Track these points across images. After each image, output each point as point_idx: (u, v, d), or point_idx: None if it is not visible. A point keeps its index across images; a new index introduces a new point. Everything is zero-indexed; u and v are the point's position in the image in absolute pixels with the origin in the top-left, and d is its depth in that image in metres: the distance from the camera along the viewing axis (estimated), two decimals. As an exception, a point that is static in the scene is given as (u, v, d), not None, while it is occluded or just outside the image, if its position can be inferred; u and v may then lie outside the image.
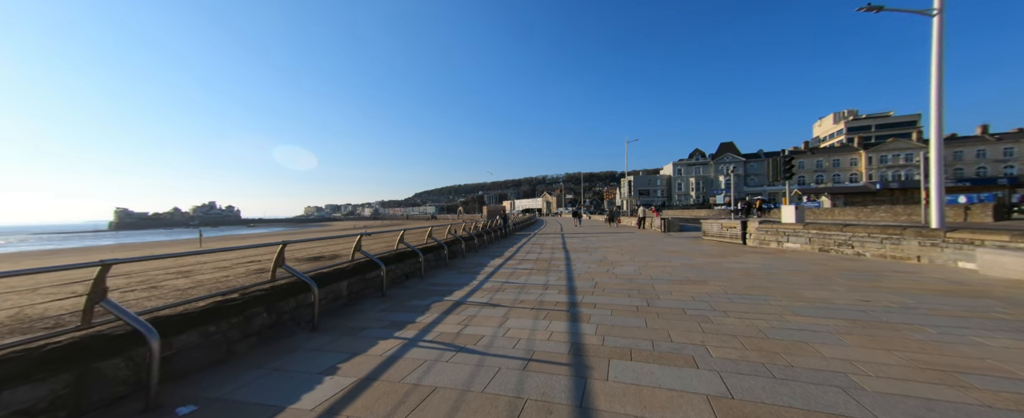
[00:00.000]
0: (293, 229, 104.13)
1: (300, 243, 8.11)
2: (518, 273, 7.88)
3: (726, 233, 12.79)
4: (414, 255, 7.94)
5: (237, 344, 3.57)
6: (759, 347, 3.31)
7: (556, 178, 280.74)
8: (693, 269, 7.61)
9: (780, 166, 13.70)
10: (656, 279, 6.69)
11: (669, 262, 8.70)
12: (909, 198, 24.27)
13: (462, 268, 8.86)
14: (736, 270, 7.30)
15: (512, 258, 10.47)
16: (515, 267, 8.79)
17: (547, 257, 10.42)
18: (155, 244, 42.01)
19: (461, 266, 9.17)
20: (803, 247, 9.67)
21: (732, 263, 8.19)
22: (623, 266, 8.34)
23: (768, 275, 6.68)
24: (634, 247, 12.40)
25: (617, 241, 14.90)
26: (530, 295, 5.70)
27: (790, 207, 10.94)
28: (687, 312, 4.50)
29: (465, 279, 7.35)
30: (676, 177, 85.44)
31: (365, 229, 45.61)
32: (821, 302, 4.75)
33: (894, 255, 7.61)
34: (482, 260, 10.17)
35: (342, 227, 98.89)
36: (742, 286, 5.83)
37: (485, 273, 8.07)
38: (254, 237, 45.79)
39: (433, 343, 3.71)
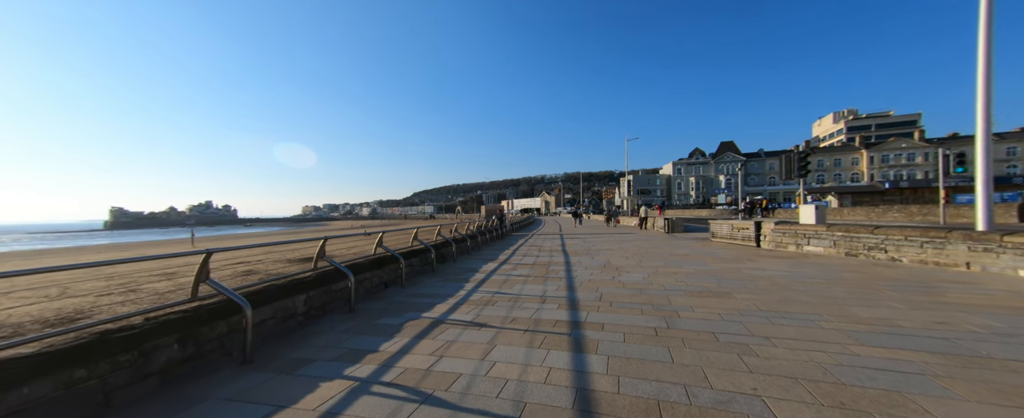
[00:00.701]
0: (287, 229, 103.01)
1: (276, 245, 7.17)
2: (512, 281, 6.96)
3: (738, 235, 11.90)
4: (394, 261, 7.01)
5: (120, 392, 2.63)
6: (837, 400, 2.39)
7: (555, 178, 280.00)
8: (710, 277, 6.70)
9: (795, 163, 12.83)
10: (670, 290, 5.78)
11: (681, 268, 7.80)
12: (919, 198, 23.50)
13: (450, 274, 7.94)
14: (761, 279, 6.39)
15: (507, 262, 9.56)
16: (509, 273, 7.88)
17: (545, 261, 9.51)
18: (143, 244, 40.99)
19: (449, 272, 8.25)
20: (826, 251, 8.78)
21: (753, 270, 7.28)
22: (630, 272, 7.44)
23: (801, 286, 5.78)
24: (639, 250, 11.50)
25: (620, 243, 14.00)
26: (524, 311, 4.78)
27: (809, 207, 10.07)
28: (719, 338, 3.59)
29: (451, 288, 6.42)
30: (676, 176, 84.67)
31: (364, 228, 44.67)
32: (884, 324, 3.85)
33: (937, 261, 6.72)
34: (474, 264, 9.26)
35: (339, 226, 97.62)
36: (775, 300, 4.92)
37: (475, 280, 7.15)
38: (229, 238, 44.79)
39: (392, 387, 2.79)
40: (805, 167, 12.59)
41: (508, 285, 6.61)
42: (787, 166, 13.24)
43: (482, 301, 5.41)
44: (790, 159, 13.15)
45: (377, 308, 5.20)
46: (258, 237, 45.04)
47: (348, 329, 4.24)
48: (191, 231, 56.55)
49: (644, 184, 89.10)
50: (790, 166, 13.12)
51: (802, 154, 12.70)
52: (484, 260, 10.13)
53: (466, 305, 5.20)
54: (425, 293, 6.15)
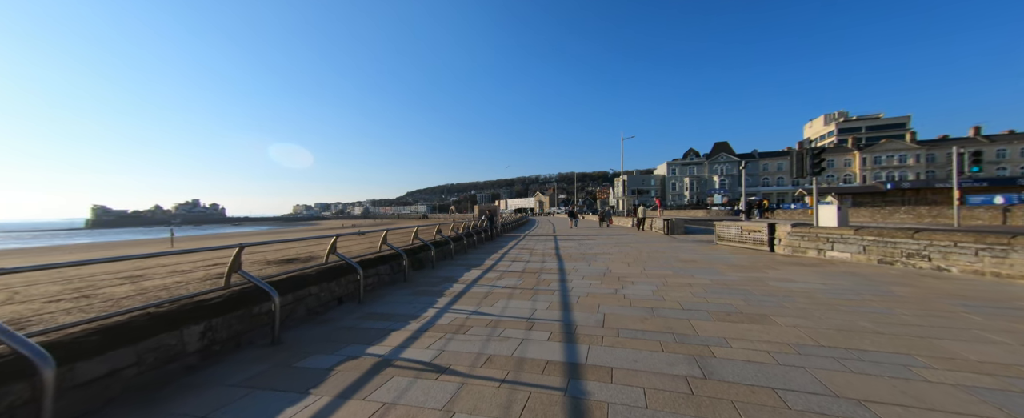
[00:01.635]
0: (275, 228, 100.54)
1: (211, 251, 5.86)
2: (496, 294, 5.76)
3: (748, 238, 10.85)
4: (350, 271, 5.75)
5: None
6: None
7: (549, 178, 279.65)
8: (733, 291, 5.57)
9: (807, 161, 11.82)
10: (690, 310, 4.63)
11: (694, 278, 6.67)
12: (922, 199, 22.93)
13: (424, 285, 6.71)
14: (796, 294, 5.28)
15: (493, 269, 8.35)
16: (494, 283, 6.67)
17: (536, 268, 8.33)
18: (109, 245, 38.94)
19: (424, 282, 7.03)
20: (855, 257, 7.73)
21: (779, 281, 6.18)
22: (635, 284, 6.28)
23: (851, 305, 4.67)
24: (640, 254, 10.39)
25: (618, 246, 12.89)
26: (504, 344, 3.58)
27: (831, 207, 9.06)
28: (788, 401, 2.42)
29: (419, 306, 5.20)
30: (670, 177, 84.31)
31: (355, 226, 43.03)
32: (1002, 370, 2.74)
33: (998, 272, 5.69)
34: (454, 272, 8.04)
35: (329, 225, 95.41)
36: (831, 328, 3.80)
37: (451, 293, 5.94)
38: (197, 239, 42.99)
39: None
40: (819, 164, 11.59)
41: (489, 301, 5.40)
42: (798, 164, 12.23)
43: (452, 327, 4.20)
44: (801, 157, 12.14)
45: (312, 337, 3.95)
46: (227, 238, 43.17)
47: (251, 378, 2.99)
48: (171, 230, 54.27)
49: (638, 184, 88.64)
50: (801, 164, 12.12)
51: (815, 151, 11.69)
52: (468, 266, 8.92)
53: (430, 334, 3.98)
54: (384, 313, 4.91)
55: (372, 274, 6.68)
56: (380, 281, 6.90)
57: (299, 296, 4.76)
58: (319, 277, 5.23)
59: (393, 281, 7.23)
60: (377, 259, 7.08)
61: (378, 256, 7.23)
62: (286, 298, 4.42)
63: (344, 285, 5.73)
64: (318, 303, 5.08)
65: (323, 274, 5.32)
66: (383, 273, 7.06)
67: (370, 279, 6.58)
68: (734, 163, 78.72)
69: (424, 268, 8.84)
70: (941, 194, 21.58)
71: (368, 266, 6.56)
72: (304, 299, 4.84)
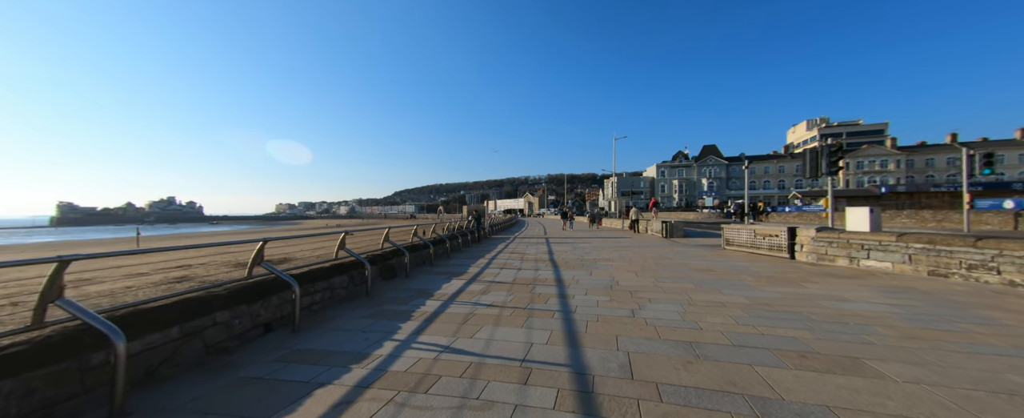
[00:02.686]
0: (252, 228, 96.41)
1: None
2: (478, 317, 4.40)
3: (763, 243, 9.78)
4: (281, 288, 4.30)
5: None
6: None
7: (538, 179, 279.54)
8: (785, 315, 4.36)
9: (822, 159, 10.86)
10: (746, 347, 3.37)
11: (723, 294, 5.45)
12: (916, 202, 22.66)
13: (389, 301, 5.29)
14: (870, 321, 4.08)
15: (477, 279, 6.98)
16: (477, 299, 5.31)
17: (528, 278, 6.99)
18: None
19: (391, 296, 5.61)
20: (898, 268, 6.67)
21: (834, 301, 5.01)
22: (654, 302, 5.02)
23: (959, 340, 3.49)
24: (645, 261, 9.18)
25: (618, 250, 11.68)
26: (487, 416, 2.24)
27: (862, 210, 8.03)
28: None
29: (371, 339, 3.80)
30: (659, 179, 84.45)
31: (338, 226, 41.06)
32: None
33: (1095, 289, 4.63)
34: (431, 282, 6.63)
35: (312, 225, 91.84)
36: (973, 384, 2.59)
37: (421, 316, 4.55)
38: (157, 240, 40.25)
39: None
40: (837, 163, 10.64)
41: (470, 327, 4.04)
42: (812, 164, 11.27)
43: (410, 379, 2.83)
44: (816, 156, 11.18)
45: (183, 401, 2.52)
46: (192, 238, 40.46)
47: None
48: (137, 229, 50.87)
49: (628, 186, 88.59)
50: (816, 163, 11.16)
51: (832, 149, 10.74)
52: (449, 274, 7.52)
53: (371, 395, 2.60)
54: (320, 350, 3.50)
55: (322, 289, 5.23)
56: (333, 298, 5.45)
57: (190, 329, 3.29)
58: (230, 299, 3.76)
59: (352, 296, 5.78)
60: (332, 268, 5.62)
61: (333, 265, 5.77)
62: (185, 329, 2.97)
63: (274, 307, 4.27)
64: (224, 336, 3.62)
65: (237, 294, 3.85)
66: (338, 287, 5.61)
67: (317, 295, 5.12)
68: (722, 166, 79.35)
69: (396, 277, 7.40)
70: (936, 198, 21.30)
71: (314, 279, 5.10)
72: (199, 333, 3.37)
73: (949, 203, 21.01)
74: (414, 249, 8.97)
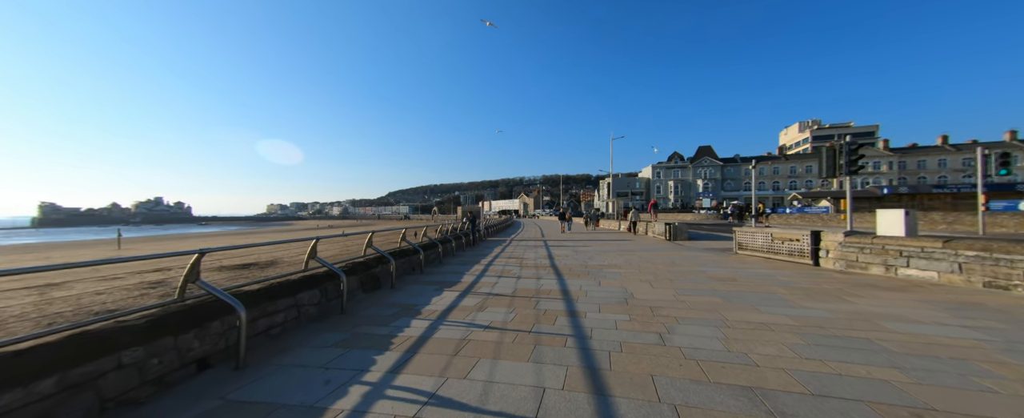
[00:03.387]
0: (241, 228, 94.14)
1: None
2: (474, 345, 3.55)
3: (782, 248, 9.05)
4: (223, 312, 3.39)
5: None
6: None
7: (533, 180, 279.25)
8: (850, 343, 3.57)
9: (841, 157, 10.19)
10: (829, 397, 2.55)
11: (761, 312, 4.65)
12: (919, 204, 22.32)
13: (366, 323, 4.40)
14: (968, 353, 3.31)
15: (473, 291, 6.11)
16: (472, 318, 4.44)
17: (531, 289, 6.14)
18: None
19: (370, 314, 4.71)
20: (946, 278, 5.95)
21: (898, 322, 4.24)
22: (682, 322, 4.20)
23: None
24: (655, 266, 8.39)
25: (623, 254, 10.89)
26: None
27: (896, 213, 7.33)
28: None
29: (339, 376, 2.92)
30: (655, 180, 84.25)
31: (330, 226, 39.72)
32: None
33: None
34: (419, 295, 5.74)
35: (303, 226, 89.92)
36: None
37: (403, 343, 3.68)
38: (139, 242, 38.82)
39: None
40: (856, 162, 9.97)
41: (463, 362, 3.19)
42: (829, 162, 10.59)
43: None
44: (834, 154, 10.49)
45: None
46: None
47: None
48: (118, 230, 49.04)
49: (623, 187, 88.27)
50: (833, 162, 10.47)
51: (852, 146, 10.07)
52: (440, 285, 6.64)
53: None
54: (258, 404, 2.60)
55: (285, 308, 4.33)
56: (300, 317, 4.55)
57: (77, 378, 2.39)
58: (150, 330, 2.86)
59: (323, 314, 4.88)
60: (300, 281, 4.73)
61: (302, 277, 4.87)
62: (37, 387, 2.05)
63: (215, 336, 3.37)
64: (135, 382, 2.71)
65: (161, 323, 2.95)
66: (307, 304, 4.71)
67: (279, 316, 4.22)
68: (717, 167, 79.38)
69: (380, 288, 6.51)
70: (937, 200, 20.97)
71: (276, 296, 4.20)
72: (92, 382, 2.47)
73: (952, 204, 20.74)
74: (402, 255, 8.08)
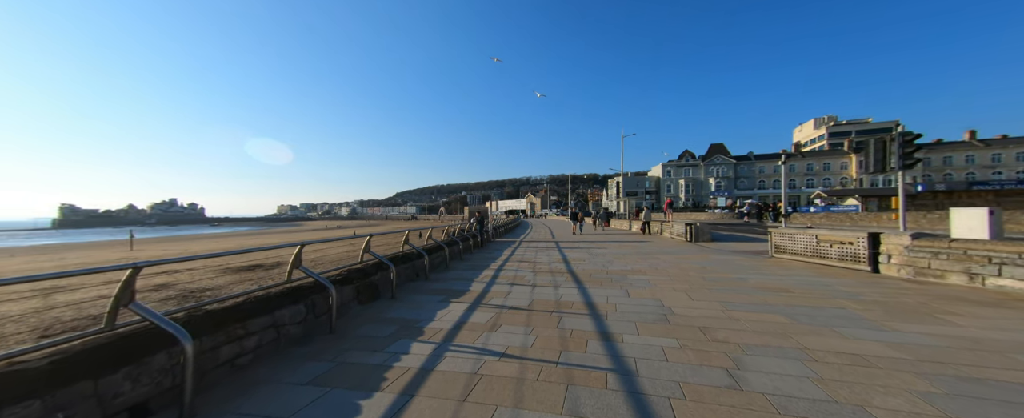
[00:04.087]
0: (251, 229, 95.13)
1: None
2: (487, 382, 2.73)
3: (829, 251, 8.04)
4: (165, 343, 2.63)
5: None
6: None
7: (540, 179, 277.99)
8: (1002, 393, 2.66)
9: (892, 149, 9.12)
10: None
11: (843, 335, 3.74)
12: (957, 202, 20.80)
13: (356, 347, 3.60)
14: None
15: (483, 303, 5.28)
16: (485, 340, 3.62)
17: (550, 300, 5.30)
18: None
19: (363, 334, 3.93)
20: (1052, 289, 4.94)
21: None
22: (749, 350, 3.33)
23: None
24: (685, 273, 7.48)
25: (644, 257, 9.96)
26: None
27: (977, 212, 6.29)
28: None
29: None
30: (665, 179, 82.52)
31: (339, 226, 39.52)
32: None
33: None
34: (421, 310, 4.94)
35: (312, 227, 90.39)
36: None
37: (399, 378, 2.87)
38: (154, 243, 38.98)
39: None
40: (912, 154, 8.89)
41: (475, 411, 2.37)
42: (878, 155, 9.51)
43: None
44: (883, 146, 9.42)
45: None
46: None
47: None
48: (131, 232, 49.63)
49: (633, 186, 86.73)
50: (883, 155, 9.40)
51: (907, 137, 9.00)
52: (446, 294, 5.84)
53: None
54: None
55: (259, 329, 3.57)
56: (279, 340, 3.78)
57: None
58: (57, 373, 2.10)
59: (308, 335, 4.11)
60: (280, 295, 3.97)
61: (283, 290, 4.11)
62: None
63: (157, 374, 2.61)
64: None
65: (78, 362, 2.19)
66: (288, 323, 3.94)
67: (250, 340, 3.46)
68: (730, 165, 77.34)
69: (380, 297, 5.74)
70: (978, 197, 19.48)
71: (247, 316, 3.43)
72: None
73: (995, 201, 19.25)
74: (405, 260, 7.32)
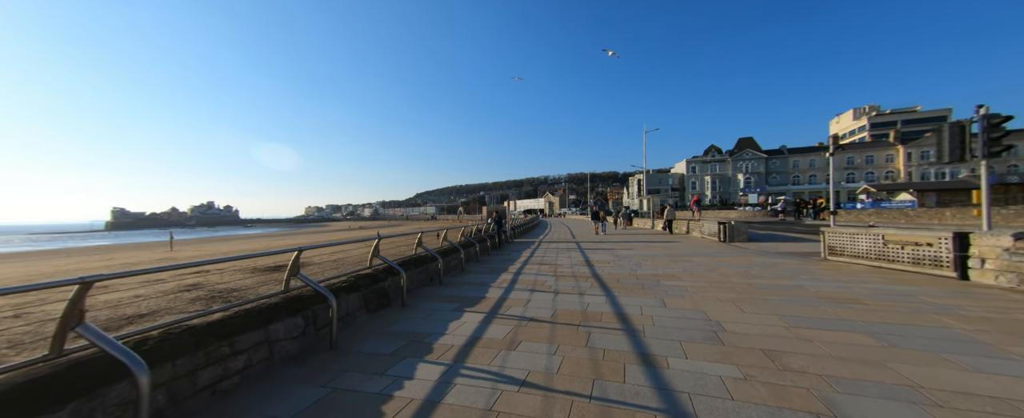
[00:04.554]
0: (282, 230, 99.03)
1: None
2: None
3: (900, 254, 6.94)
4: (116, 376, 2.21)
5: None
6: None
7: (558, 178, 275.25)
8: None
9: (971, 136, 7.85)
10: None
11: (965, 368, 2.92)
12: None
13: (359, 367, 3.09)
14: None
15: (500, 312, 4.71)
16: (502, 363, 3.02)
17: (576, 311, 4.65)
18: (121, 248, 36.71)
19: (369, 348, 3.44)
20: None
21: None
22: (844, 387, 2.58)
23: None
24: (726, 279, 6.62)
25: (676, 260, 9.09)
26: None
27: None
28: None
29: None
30: (689, 175, 79.31)
31: (362, 227, 40.31)
32: None
33: None
34: (432, 321, 4.42)
35: (336, 228, 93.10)
36: None
37: (401, 413, 2.35)
38: (194, 244, 40.69)
39: None
40: (999, 141, 7.61)
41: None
42: (954, 142, 8.23)
43: None
44: (962, 131, 8.14)
45: None
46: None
47: None
48: (170, 233, 52.57)
49: (654, 183, 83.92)
50: (960, 142, 8.13)
51: (993, 120, 7.70)
52: (460, 302, 5.31)
53: None
54: None
55: (248, 348, 3.15)
56: (270, 358, 3.36)
57: None
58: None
59: (305, 352, 3.68)
60: (274, 307, 3.56)
61: (277, 301, 3.70)
62: None
63: (117, 408, 2.20)
64: None
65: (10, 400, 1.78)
66: (282, 339, 3.52)
67: (235, 361, 3.04)
68: (761, 159, 73.37)
69: (390, 305, 5.29)
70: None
71: (224, 335, 3.01)
72: None
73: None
74: (418, 263, 6.88)
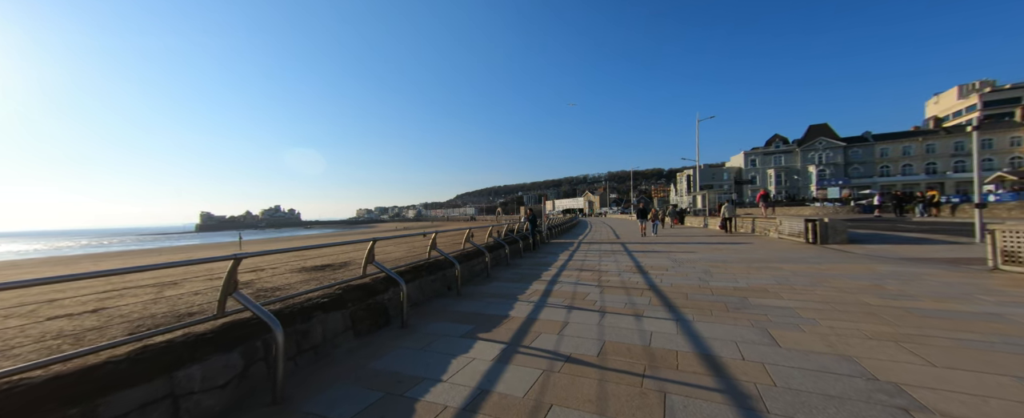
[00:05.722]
0: (340, 230, 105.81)
1: None
2: None
3: None
4: None
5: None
6: None
7: (598, 177, 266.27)
8: None
9: None
10: None
11: None
12: None
13: None
14: None
15: (523, 344, 3.23)
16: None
17: (634, 346, 3.04)
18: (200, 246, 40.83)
19: (341, 393, 2.22)
20: None
21: None
22: None
23: None
24: (855, 298, 4.57)
25: (756, 268, 6.99)
26: None
27: None
28: None
29: None
30: (748, 169, 71.60)
31: (407, 229, 40.98)
32: None
33: None
34: (429, 359, 3.05)
35: (384, 228, 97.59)
36: None
37: None
38: (258, 243, 43.47)
39: None
40: None
41: None
42: None
43: None
44: None
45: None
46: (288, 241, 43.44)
47: None
48: (239, 234, 58.01)
49: (706, 179, 76.98)
50: None
51: None
52: (474, 325, 3.94)
53: None
54: None
55: (134, 407, 2.02)
56: (249, 396, 2.22)
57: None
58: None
59: (234, 410, 2.52)
60: (197, 342, 2.44)
61: (206, 330, 2.59)
62: None
63: None
64: None
65: None
66: (195, 391, 2.37)
67: (179, 403, 1.91)
68: (837, 149, 64.15)
69: (387, 325, 4.07)
70: None
71: (170, 367, 1.88)
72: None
73: None
74: (431, 270, 5.67)
